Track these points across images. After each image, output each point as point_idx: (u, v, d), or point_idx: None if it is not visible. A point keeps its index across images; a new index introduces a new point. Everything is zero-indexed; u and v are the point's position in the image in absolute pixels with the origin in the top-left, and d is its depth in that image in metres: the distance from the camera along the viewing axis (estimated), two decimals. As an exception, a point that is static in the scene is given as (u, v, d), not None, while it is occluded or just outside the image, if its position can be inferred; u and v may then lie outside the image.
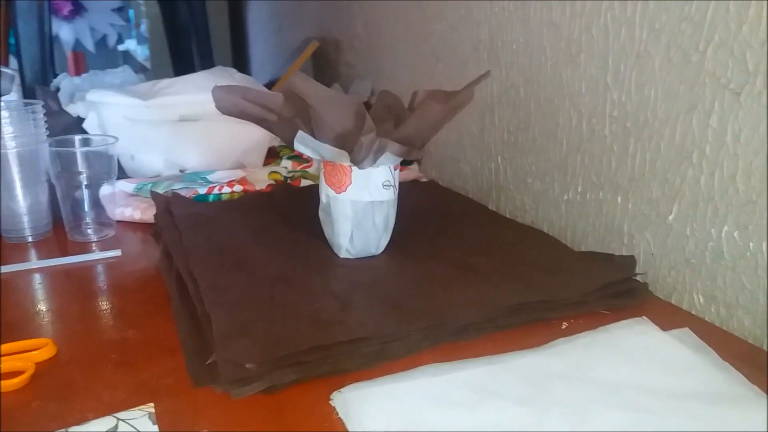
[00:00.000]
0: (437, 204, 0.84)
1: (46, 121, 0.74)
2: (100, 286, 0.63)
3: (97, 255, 0.68)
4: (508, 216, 0.82)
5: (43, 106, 0.76)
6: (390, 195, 0.64)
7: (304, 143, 0.61)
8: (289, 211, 0.77)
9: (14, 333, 0.52)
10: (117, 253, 0.69)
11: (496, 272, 0.61)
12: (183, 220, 0.72)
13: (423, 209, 0.81)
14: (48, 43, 1.31)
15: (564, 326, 0.54)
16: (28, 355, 0.48)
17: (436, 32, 0.95)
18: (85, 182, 0.73)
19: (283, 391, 0.45)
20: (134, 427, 0.34)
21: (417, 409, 0.41)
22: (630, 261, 0.64)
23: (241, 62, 2.07)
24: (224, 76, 1.12)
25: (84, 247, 0.73)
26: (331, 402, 0.43)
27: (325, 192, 0.64)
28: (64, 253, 0.70)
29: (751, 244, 0.53)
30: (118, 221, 0.79)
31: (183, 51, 1.71)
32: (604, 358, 0.47)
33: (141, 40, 2.84)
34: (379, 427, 0.39)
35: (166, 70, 2.02)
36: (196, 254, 0.63)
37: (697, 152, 0.56)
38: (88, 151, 0.72)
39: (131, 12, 2.91)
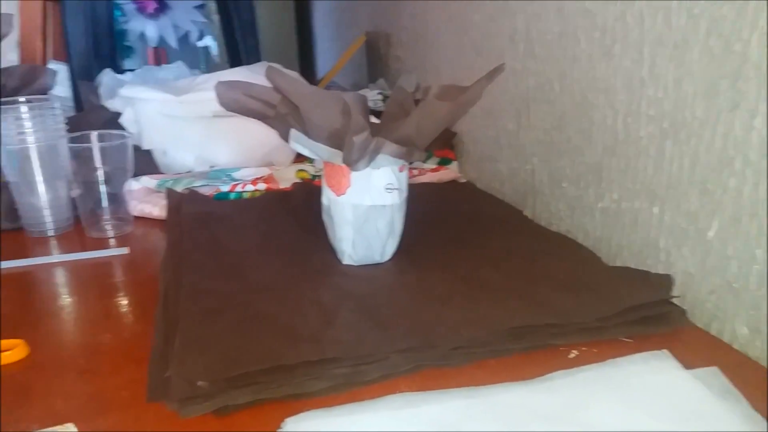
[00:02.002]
0: (467, 208, 0.79)
1: (66, 117, 0.74)
2: (96, 285, 0.62)
3: (102, 253, 0.68)
4: (543, 223, 0.75)
5: (84, 101, 0.76)
6: (394, 199, 0.59)
7: (298, 142, 0.57)
8: (303, 212, 0.74)
9: (-7, 332, 0.51)
10: (124, 251, 0.68)
11: (503, 288, 0.55)
12: (190, 219, 0.70)
13: (449, 214, 0.76)
14: (106, 38, 1.34)
15: (572, 355, 0.48)
16: (-5, 356, 0.47)
17: (475, 23, 0.88)
18: (101, 178, 0.72)
19: (236, 412, 0.41)
20: (39, 451, 0.32)
21: (365, 447, 0.36)
22: (666, 281, 0.56)
23: (307, 58, 2.06)
24: (263, 71, 1.10)
25: (100, 243, 0.72)
26: (279, 430, 0.39)
27: (326, 194, 0.61)
28: (81, 249, 0.70)
29: (800, 270, 0.44)
30: (138, 217, 0.78)
31: (236, 47, 1.72)
32: (604, 397, 0.41)
33: (216, 37, 2.91)
34: (315, 465, 0.35)
35: (233, 66, 2.05)
36: (192, 256, 0.61)
37: (740, 158, 0.48)
38: (105, 147, 0.72)
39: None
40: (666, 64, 0.54)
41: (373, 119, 0.62)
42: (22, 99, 0.72)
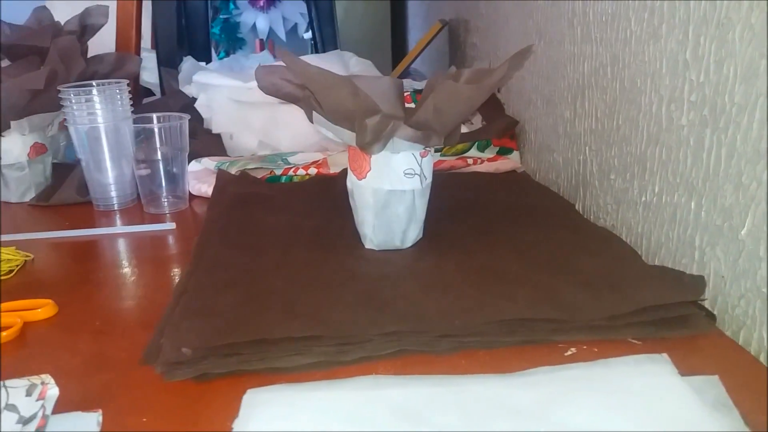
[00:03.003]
0: (513, 199, 0.76)
1: (131, 98, 0.79)
2: (137, 257, 0.66)
3: (150, 227, 0.72)
4: (591, 218, 0.71)
5: (166, 87, 0.81)
6: (414, 184, 0.58)
7: (321, 124, 0.58)
8: (342, 197, 0.74)
9: (33, 292, 0.56)
10: (171, 226, 0.72)
11: (518, 280, 0.53)
12: (233, 198, 0.73)
13: (490, 204, 0.73)
14: (202, 28, 1.42)
15: (569, 353, 0.45)
16: (25, 313, 0.51)
17: (539, 6, 0.85)
18: (159, 157, 0.77)
19: (216, 380, 0.43)
20: (7, 396, 0.35)
21: (312, 423, 0.36)
22: (698, 282, 0.51)
23: (401, 48, 2.07)
24: (336, 60, 1.12)
25: (157, 218, 0.77)
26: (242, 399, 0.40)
27: (350, 178, 0.61)
28: (140, 223, 0.75)
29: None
30: (196, 196, 0.83)
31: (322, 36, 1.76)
32: (580, 397, 0.38)
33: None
34: (260, 435, 0.35)
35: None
36: (223, 232, 0.64)
37: (775, 148, 0.43)
38: (163, 128, 0.76)
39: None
40: (708, 45, 0.49)
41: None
42: (93, 83, 0.78)
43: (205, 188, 0.83)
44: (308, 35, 3.05)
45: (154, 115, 0.77)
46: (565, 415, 0.37)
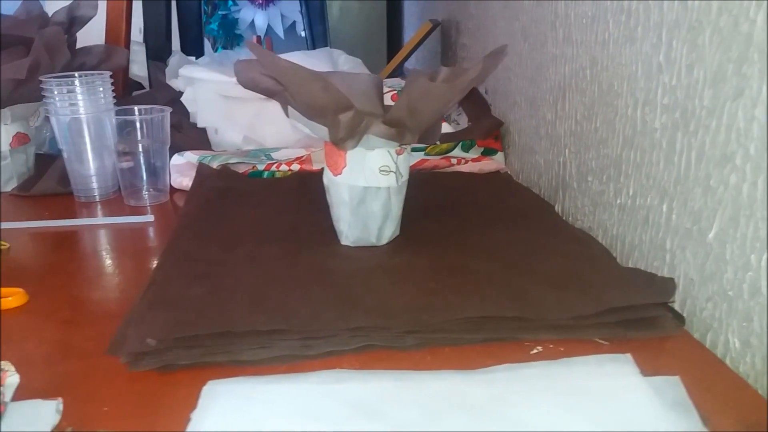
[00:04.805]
0: (493, 200, 0.76)
1: (113, 90, 0.79)
2: (113, 249, 0.66)
3: (128, 219, 0.72)
4: (570, 219, 0.71)
5: (153, 80, 0.81)
6: (390, 182, 0.58)
7: (296, 119, 0.58)
8: (322, 193, 0.74)
9: (5, 281, 0.56)
10: (150, 218, 0.72)
11: (489, 279, 0.53)
12: (211, 192, 0.73)
13: (470, 205, 0.74)
14: (194, 24, 1.42)
15: (535, 351, 0.45)
16: (-7, 301, 0.51)
17: (524, 8, 0.85)
18: (140, 149, 0.77)
19: (180, 372, 0.43)
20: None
21: (269, 415, 0.36)
22: (668, 284, 0.51)
23: (396, 48, 2.07)
24: (325, 57, 1.12)
25: (137, 210, 0.77)
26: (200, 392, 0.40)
27: (326, 174, 0.61)
28: (118, 215, 0.75)
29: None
30: (177, 189, 0.83)
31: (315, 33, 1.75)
32: (539, 395, 0.38)
33: (321, 26, 2.98)
34: (215, 426, 0.35)
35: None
36: (196, 226, 0.64)
37: (741, 152, 0.43)
38: (144, 120, 0.76)
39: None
40: (680, 48, 0.50)
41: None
42: (76, 74, 0.78)
43: (187, 182, 0.83)
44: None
45: (136, 108, 0.77)
46: (520, 413, 0.37)
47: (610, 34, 0.61)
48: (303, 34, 3.07)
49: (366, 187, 0.58)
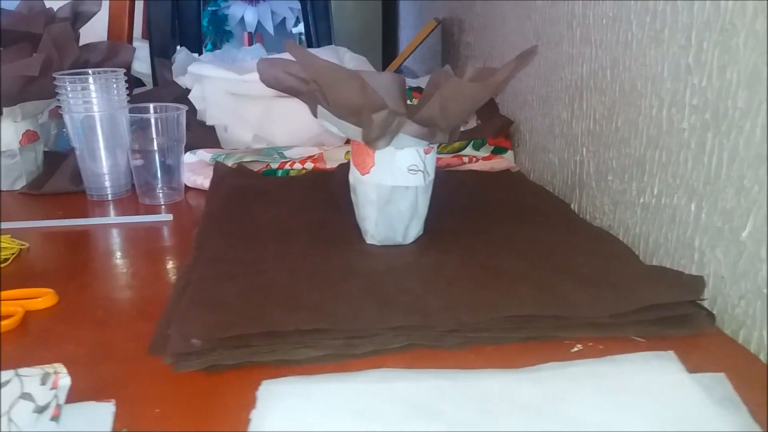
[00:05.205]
0: (509, 198, 0.77)
1: (127, 88, 0.78)
2: (135, 248, 0.65)
3: (148, 218, 0.72)
4: (588, 218, 0.72)
5: (159, 77, 0.81)
6: (418, 181, 0.58)
7: (325, 118, 0.58)
8: (341, 191, 0.74)
9: (31, 281, 0.55)
10: (169, 217, 0.72)
11: (520, 277, 0.53)
12: (231, 191, 0.72)
13: (488, 202, 0.74)
14: (193, 21, 1.41)
15: (575, 349, 0.46)
16: (26, 302, 0.51)
17: (537, 7, 0.85)
18: (156, 148, 0.76)
19: (225, 372, 0.43)
20: (21, 385, 0.34)
21: (329, 415, 0.36)
22: (697, 282, 0.52)
23: (391, 45, 2.07)
24: (331, 55, 1.11)
25: (151, 209, 0.76)
26: (257, 391, 0.40)
27: (353, 173, 0.61)
28: (135, 214, 0.75)
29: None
30: (191, 188, 0.82)
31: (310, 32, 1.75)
32: (590, 393, 0.39)
33: (312, 23, 2.97)
34: (276, 426, 0.35)
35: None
36: (223, 225, 0.64)
37: (778, 153, 0.44)
38: (160, 118, 0.76)
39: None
40: (712, 50, 0.50)
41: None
42: (90, 71, 0.77)
43: (201, 180, 0.82)
44: (297, 29, 3.05)
45: (151, 105, 0.77)
46: (575, 412, 0.37)
47: (634, 35, 0.62)
48: (293, 30, 3.07)
49: (394, 186, 0.58)
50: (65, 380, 0.37)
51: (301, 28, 3.07)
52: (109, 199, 0.80)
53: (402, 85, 0.61)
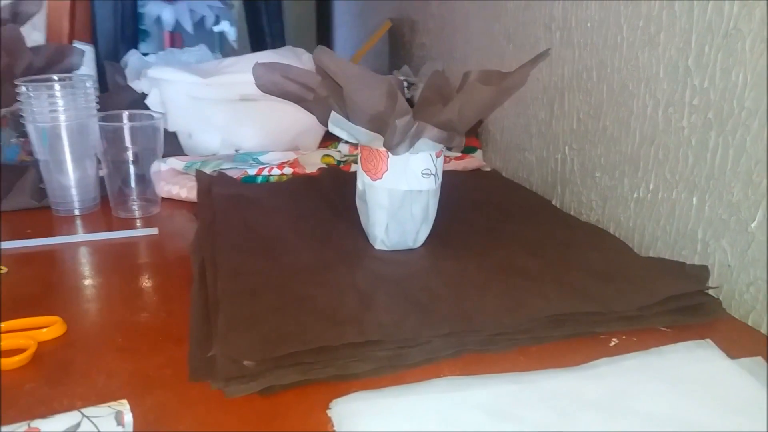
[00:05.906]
0: (494, 197, 0.78)
1: (97, 96, 0.74)
2: (128, 265, 0.61)
3: (132, 233, 0.67)
4: (572, 213, 0.75)
5: (110, 82, 0.76)
6: (430, 184, 0.59)
7: (338, 125, 0.57)
8: (333, 197, 0.73)
9: (28, 308, 0.51)
10: (154, 231, 0.68)
11: (541, 276, 0.55)
12: (221, 201, 0.70)
13: (477, 202, 0.75)
14: (129, 21, 1.34)
15: (612, 343, 0.47)
16: (34, 333, 0.47)
17: (509, 9, 0.87)
18: (131, 158, 0.72)
19: (281, 393, 0.41)
20: (96, 427, 0.32)
21: (414, 427, 0.36)
22: (702, 272, 0.55)
23: (325, 44, 2.06)
24: (290, 56, 1.09)
25: (127, 223, 0.72)
26: (328, 411, 0.39)
27: (362, 178, 0.60)
28: (108, 228, 0.70)
29: None
30: (164, 198, 0.78)
31: (260, 32, 1.71)
32: (651, 386, 0.40)
33: (234, 22, 2.89)
34: (368, 446, 0.35)
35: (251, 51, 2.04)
36: (226, 237, 0.61)
37: (790, 149, 0.47)
38: (135, 127, 0.71)
39: (228, -6, 2.97)
40: (714, 54, 0.53)
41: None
42: (55, 77, 0.71)
43: (176, 190, 0.78)
44: (217, 28, 2.95)
45: (124, 113, 0.72)
46: (641, 404, 0.39)
47: (624, 38, 0.64)
48: (214, 29, 2.97)
49: (407, 191, 0.58)
50: (129, 417, 0.35)
51: (223, 27, 2.98)
52: (77, 213, 0.74)
53: (401, 88, 0.61)
